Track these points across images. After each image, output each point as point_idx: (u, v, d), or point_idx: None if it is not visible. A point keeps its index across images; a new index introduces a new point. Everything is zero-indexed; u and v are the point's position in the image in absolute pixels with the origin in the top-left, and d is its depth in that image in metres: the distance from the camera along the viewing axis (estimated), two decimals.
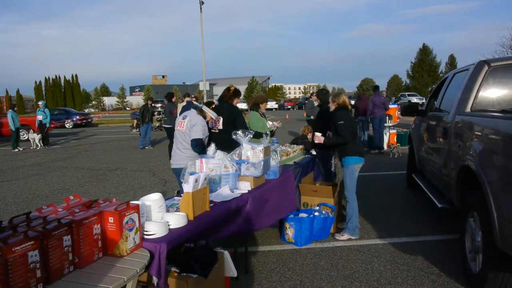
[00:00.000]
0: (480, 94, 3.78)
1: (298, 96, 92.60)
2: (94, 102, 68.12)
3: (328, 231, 4.46)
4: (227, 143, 4.08)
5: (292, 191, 4.37)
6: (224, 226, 3.08)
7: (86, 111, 48.81)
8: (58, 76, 60.94)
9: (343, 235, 4.43)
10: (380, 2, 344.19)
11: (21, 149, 13.67)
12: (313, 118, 9.79)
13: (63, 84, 61.05)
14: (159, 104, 32.73)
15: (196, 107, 4.55)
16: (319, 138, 4.63)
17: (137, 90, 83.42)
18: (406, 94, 40.02)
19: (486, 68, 3.78)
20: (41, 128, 14.34)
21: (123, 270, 2.09)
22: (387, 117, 11.66)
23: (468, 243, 3.34)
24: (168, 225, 2.56)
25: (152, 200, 2.63)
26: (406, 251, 4.04)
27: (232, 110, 4.95)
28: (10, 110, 13.88)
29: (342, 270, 3.65)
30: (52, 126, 15.80)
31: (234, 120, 4.82)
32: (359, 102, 12.15)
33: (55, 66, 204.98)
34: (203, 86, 30.31)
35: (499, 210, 2.61)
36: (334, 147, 4.91)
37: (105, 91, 78.99)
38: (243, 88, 66.79)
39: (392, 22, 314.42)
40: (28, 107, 60.98)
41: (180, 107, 9.97)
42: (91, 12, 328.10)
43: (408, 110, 6.30)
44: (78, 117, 26.39)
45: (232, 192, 3.39)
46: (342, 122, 4.41)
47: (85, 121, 26.41)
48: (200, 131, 4.13)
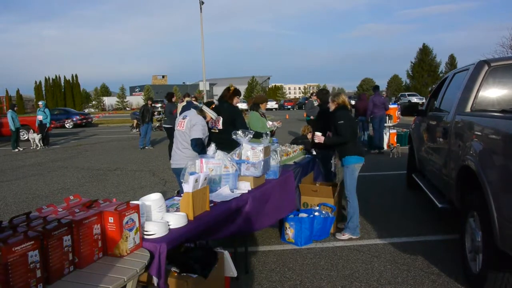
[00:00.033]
0: (480, 94, 3.78)
1: (298, 96, 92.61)
2: (94, 102, 68.14)
3: (328, 231, 4.46)
4: (227, 143, 4.08)
5: (292, 191, 4.37)
6: (224, 226, 3.08)
7: (86, 111, 48.85)
8: (58, 76, 61.11)
9: (344, 235, 4.43)
10: (380, 2, 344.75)
11: (21, 149, 13.67)
12: (313, 118, 9.79)
13: (63, 84, 61.09)
14: (159, 104, 32.74)
15: (196, 107, 4.56)
16: (319, 137, 4.63)
17: (137, 90, 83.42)
18: (406, 94, 40.05)
19: (486, 68, 3.78)
20: (41, 128, 14.34)
21: (123, 270, 2.09)
22: (387, 117, 11.66)
23: (468, 243, 3.34)
24: (168, 225, 2.56)
25: (152, 200, 2.63)
26: (406, 251, 4.04)
27: (232, 110, 4.95)
28: (10, 110, 13.88)
29: (342, 270, 3.65)
30: (52, 126, 15.80)
31: (234, 120, 4.83)
32: (359, 102, 12.15)
33: (55, 66, 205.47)
34: (203, 86, 30.30)
35: (499, 210, 2.61)
36: (334, 147, 4.91)
37: (105, 91, 78.99)
38: (243, 88, 66.79)
39: (392, 22, 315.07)
40: (28, 107, 60.98)
41: (180, 107, 9.98)
42: (91, 12, 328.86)
43: (408, 110, 6.30)
44: (78, 117, 26.38)
45: (232, 192, 3.39)
46: (342, 122, 4.42)
47: (85, 121, 26.40)
48: (200, 131, 4.13)
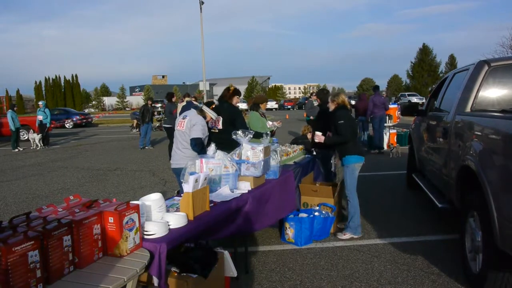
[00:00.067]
0: (480, 94, 3.78)
1: (298, 96, 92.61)
2: (94, 102, 68.13)
3: (328, 231, 4.46)
4: (227, 143, 4.08)
5: (292, 191, 4.37)
6: (224, 226, 3.08)
7: (86, 111, 48.85)
8: (58, 76, 61.08)
9: (345, 234, 4.43)
10: (380, 2, 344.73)
11: (21, 149, 13.67)
12: (312, 118, 9.79)
13: (63, 84, 61.07)
14: (159, 104, 32.75)
15: (196, 107, 4.56)
16: (319, 137, 4.63)
17: (137, 90, 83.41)
18: (406, 94, 40.06)
19: (486, 68, 3.78)
20: (41, 128, 14.34)
21: (123, 270, 2.09)
22: (387, 117, 11.66)
23: (468, 243, 3.34)
24: (168, 225, 2.56)
25: (152, 200, 2.63)
26: (406, 251, 4.04)
27: (232, 110, 4.95)
28: (10, 110, 13.88)
29: (342, 270, 3.65)
30: (52, 126, 15.81)
31: (234, 120, 4.83)
32: (359, 102, 12.15)
33: (55, 66, 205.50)
34: (203, 86, 30.29)
35: (499, 210, 2.61)
36: (334, 147, 4.91)
37: (105, 91, 78.99)
38: (243, 88, 66.78)
39: (392, 22, 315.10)
40: (28, 107, 60.98)
41: (180, 107, 9.98)
42: (91, 12, 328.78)
43: (408, 110, 6.30)
44: (78, 117, 26.38)
45: (232, 192, 3.39)
46: (342, 122, 4.42)
47: (85, 121, 26.40)
48: (199, 131, 4.14)
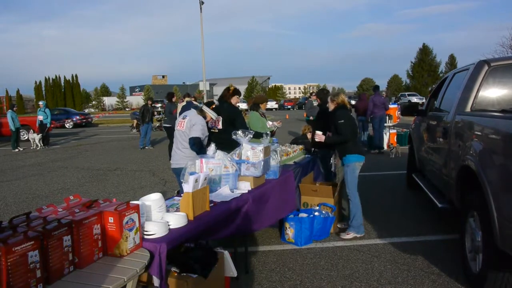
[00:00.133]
0: (480, 94, 3.78)
1: (298, 96, 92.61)
2: (94, 102, 68.14)
3: (328, 231, 4.46)
4: (227, 143, 4.08)
5: (292, 191, 4.37)
6: (224, 226, 3.08)
7: (86, 111, 48.85)
8: (58, 76, 61.11)
9: (348, 234, 4.42)
10: (380, 2, 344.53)
11: (21, 149, 13.67)
12: (312, 118, 9.78)
13: (63, 84, 61.08)
14: (159, 104, 32.75)
15: (196, 107, 4.56)
16: (319, 136, 4.63)
17: (137, 90, 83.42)
18: (406, 94, 40.09)
19: (486, 68, 3.78)
20: (41, 128, 14.35)
21: (123, 270, 2.09)
22: (387, 117, 11.66)
23: (468, 243, 3.34)
24: (168, 225, 2.56)
25: (152, 200, 2.63)
26: (406, 251, 4.04)
27: (231, 110, 4.95)
28: (9, 110, 13.87)
29: (342, 270, 3.65)
30: (52, 126, 15.81)
31: (233, 120, 4.83)
32: (359, 102, 12.15)
33: (55, 66, 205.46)
34: (203, 86, 30.30)
35: (499, 210, 2.60)
36: (334, 146, 4.91)
37: (105, 91, 78.99)
38: (243, 88, 66.79)
39: (392, 22, 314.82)
40: (28, 107, 60.99)
41: (180, 107, 9.97)
42: (91, 12, 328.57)
43: (408, 110, 6.29)
44: (78, 117, 26.36)
45: (232, 192, 3.39)
46: (343, 121, 4.42)
47: (85, 121, 26.40)
48: (199, 130, 4.13)
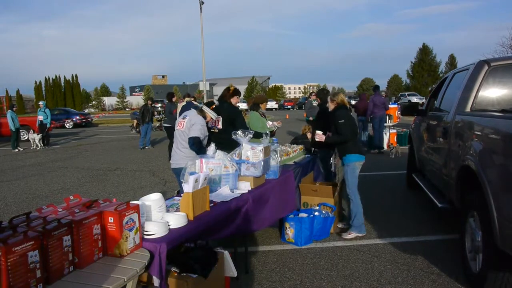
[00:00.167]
0: (480, 93, 3.78)
1: (298, 96, 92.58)
2: (94, 102, 68.12)
3: (328, 231, 4.46)
4: (227, 143, 4.08)
5: (292, 191, 4.37)
6: (224, 226, 3.08)
7: (86, 111, 48.81)
8: (58, 76, 61.08)
9: (350, 234, 4.42)
10: (380, 2, 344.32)
11: (21, 149, 13.66)
12: (312, 118, 9.77)
13: (63, 84, 61.07)
14: (159, 104, 32.75)
15: (196, 107, 4.56)
16: (320, 136, 4.63)
17: (137, 90, 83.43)
18: (406, 94, 40.10)
19: (486, 67, 3.78)
20: (41, 128, 14.35)
21: (123, 270, 2.09)
22: (387, 117, 11.66)
23: (468, 243, 3.34)
24: (168, 225, 2.56)
25: (152, 200, 2.63)
26: (406, 251, 4.04)
27: (231, 110, 4.95)
28: (9, 111, 13.86)
29: (342, 270, 3.65)
30: (52, 126, 15.80)
31: (233, 120, 4.83)
32: (359, 102, 12.15)
33: (55, 66, 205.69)
34: (203, 86, 30.31)
35: (499, 210, 2.60)
36: (334, 146, 4.91)
37: (105, 91, 78.98)
38: (243, 88, 66.80)
39: (392, 22, 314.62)
40: (28, 107, 60.96)
41: (180, 107, 9.97)
42: (91, 12, 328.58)
43: (408, 110, 6.29)
44: (78, 117, 26.35)
45: (232, 192, 3.39)
46: (343, 121, 4.42)
47: (85, 121, 26.39)
48: (198, 130, 4.13)
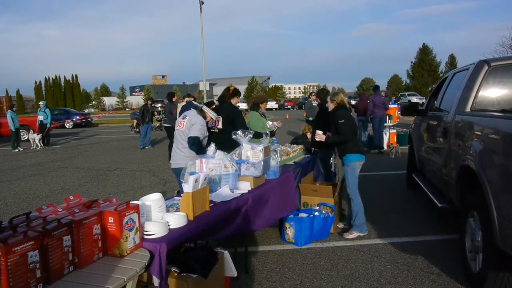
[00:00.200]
0: (480, 93, 3.78)
1: (298, 96, 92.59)
2: (94, 102, 68.12)
3: (328, 231, 4.46)
4: (227, 143, 4.08)
5: (292, 191, 4.37)
6: (224, 226, 3.08)
7: (86, 111, 48.80)
8: (58, 76, 61.07)
9: (352, 233, 4.42)
10: (380, 2, 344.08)
11: (21, 149, 13.66)
12: (311, 119, 9.77)
13: (63, 84, 61.09)
14: (159, 104, 32.75)
15: (196, 107, 4.56)
16: (320, 136, 4.63)
17: (137, 90, 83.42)
18: (406, 93, 40.11)
19: (486, 67, 3.78)
20: (41, 128, 14.34)
21: (123, 270, 2.09)
22: (387, 117, 11.66)
23: (468, 242, 3.34)
24: (168, 225, 2.56)
25: (152, 200, 2.63)
26: (406, 251, 4.04)
27: (231, 110, 4.95)
28: (9, 111, 13.85)
29: (342, 270, 3.65)
30: (52, 126, 15.80)
31: (233, 120, 4.83)
32: (359, 102, 12.16)
33: (55, 66, 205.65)
34: (203, 86, 30.32)
35: (499, 210, 2.60)
36: (334, 146, 4.91)
37: (105, 91, 78.97)
38: (243, 88, 66.81)
39: (392, 22, 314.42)
40: (28, 107, 60.95)
41: (180, 107, 9.97)
42: (91, 12, 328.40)
43: (408, 110, 6.29)
44: (78, 117, 26.35)
45: (232, 192, 3.39)
46: (343, 121, 4.42)
47: (85, 121, 26.39)
48: (197, 130, 4.13)
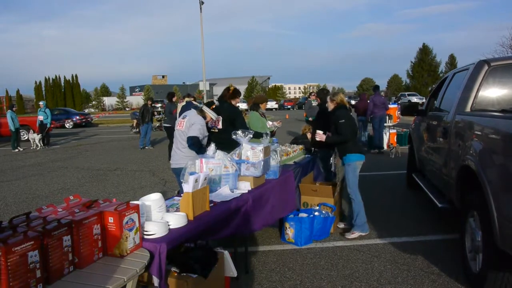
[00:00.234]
0: (480, 93, 3.78)
1: (298, 96, 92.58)
2: (94, 102, 68.15)
3: (328, 231, 4.46)
4: (227, 143, 4.08)
5: (292, 191, 4.37)
6: (224, 226, 3.08)
7: (86, 111, 48.80)
8: (58, 76, 61.16)
9: (353, 233, 4.42)
10: (380, 2, 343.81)
11: (21, 149, 13.66)
12: (311, 119, 9.76)
13: (63, 84, 61.14)
14: (159, 104, 32.75)
15: (196, 107, 4.56)
16: (320, 135, 4.63)
17: (137, 90, 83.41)
18: (406, 93, 40.11)
19: (486, 67, 3.78)
20: (41, 128, 14.34)
21: (123, 270, 2.09)
22: (387, 117, 11.66)
23: (468, 242, 3.34)
24: (168, 225, 2.56)
25: (152, 200, 2.63)
26: (406, 250, 4.04)
27: (231, 110, 4.95)
28: (9, 111, 13.84)
29: (342, 270, 3.65)
30: (52, 126, 15.80)
31: (233, 120, 4.83)
32: (359, 102, 12.16)
33: (55, 66, 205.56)
34: (203, 86, 30.31)
35: (499, 210, 2.61)
36: (334, 146, 4.91)
37: (105, 91, 78.98)
38: (243, 88, 66.80)
39: (392, 22, 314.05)
40: (28, 107, 60.96)
41: (180, 107, 9.97)
42: (91, 12, 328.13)
43: (408, 110, 6.29)
44: (78, 117, 26.35)
45: (232, 192, 3.39)
46: (343, 121, 4.42)
47: (85, 121, 26.38)
48: (197, 130, 4.13)
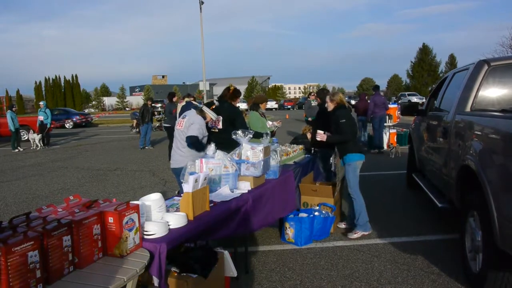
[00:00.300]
0: (480, 93, 3.78)
1: (298, 96, 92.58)
2: (94, 102, 68.12)
3: (328, 231, 4.46)
4: (227, 143, 4.07)
5: (292, 191, 4.37)
6: (224, 226, 3.08)
7: (86, 111, 48.77)
8: (58, 76, 61.08)
9: (356, 233, 4.42)
10: (380, 2, 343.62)
11: (21, 149, 13.66)
12: (311, 119, 9.76)
13: (63, 84, 61.11)
14: (159, 104, 32.75)
15: (196, 107, 4.55)
16: (321, 135, 4.63)
17: (137, 90, 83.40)
18: (406, 93, 40.13)
19: (486, 67, 3.78)
20: (41, 128, 14.34)
21: (123, 270, 2.09)
22: (387, 117, 11.66)
23: (468, 242, 3.34)
24: (168, 225, 2.56)
25: (152, 200, 2.63)
26: (406, 250, 4.04)
27: (231, 110, 4.95)
28: (9, 111, 13.84)
29: (342, 269, 3.65)
30: (52, 126, 15.80)
31: (233, 119, 4.82)
32: (359, 102, 12.16)
33: (55, 66, 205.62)
34: (203, 86, 30.31)
35: (499, 210, 2.60)
36: (334, 146, 4.91)
37: (105, 91, 78.96)
38: (243, 88, 66.77)
39: (392, 22, 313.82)
40: (28, 107, 60.94)
41: (180, 107, 9.97)
42: (91, 12, 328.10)
43: (408, 109, 6.29)
44: (78, 117, 26.34)
45: (232, 192, 3.39)
46: (344, 121, 4.42)
47: (85, 121, 26.37)
48: (196, 129, 4.13)
